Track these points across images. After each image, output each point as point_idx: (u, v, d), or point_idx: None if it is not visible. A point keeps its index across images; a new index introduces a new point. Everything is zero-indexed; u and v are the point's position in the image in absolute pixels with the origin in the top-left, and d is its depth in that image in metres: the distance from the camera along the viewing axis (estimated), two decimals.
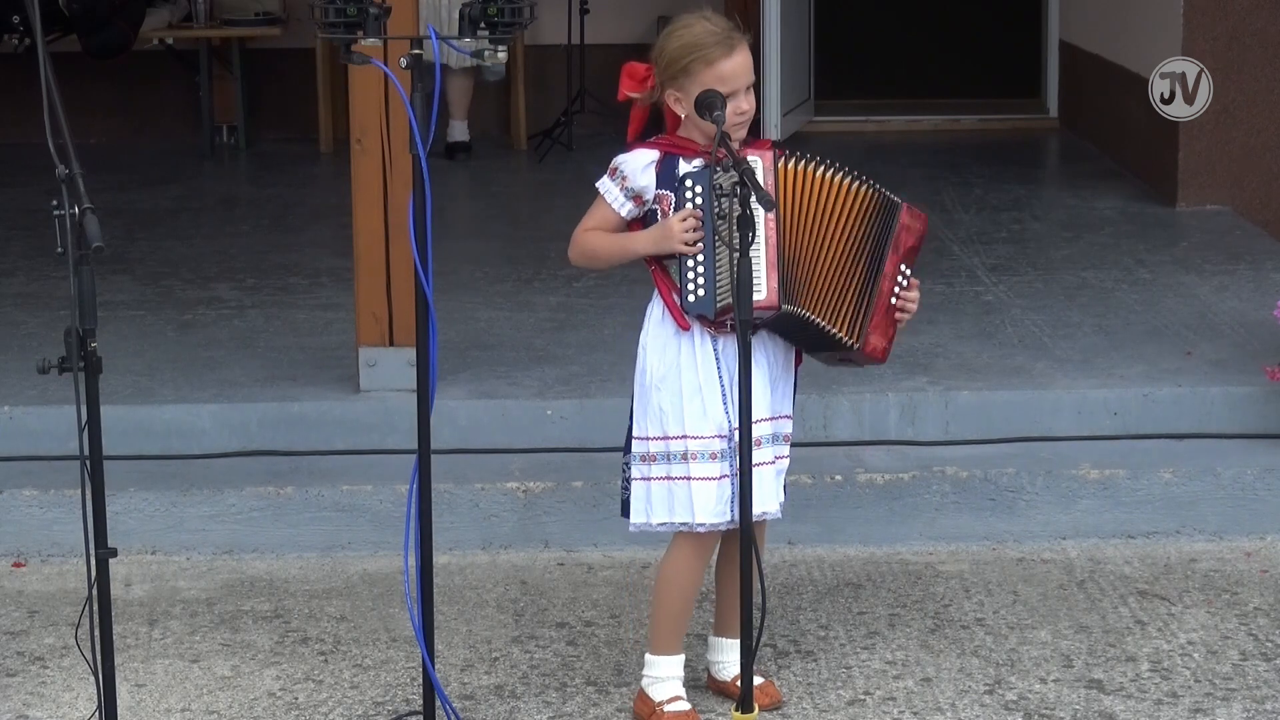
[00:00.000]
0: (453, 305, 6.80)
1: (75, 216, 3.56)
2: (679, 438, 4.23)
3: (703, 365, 4.22)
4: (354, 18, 3.94)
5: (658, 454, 4.25)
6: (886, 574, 5.30)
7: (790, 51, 10.24)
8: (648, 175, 4.20)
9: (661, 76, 4.21)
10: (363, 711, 4.48)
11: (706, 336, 4.22)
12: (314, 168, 10.26)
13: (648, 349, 4.27)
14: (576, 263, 4.37)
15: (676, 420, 4.23)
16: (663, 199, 4.20)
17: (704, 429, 4.22)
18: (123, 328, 6.75)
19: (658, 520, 4.27)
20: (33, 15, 3.85)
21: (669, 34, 4.21)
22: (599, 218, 4.26)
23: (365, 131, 5.79)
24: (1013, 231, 8.19)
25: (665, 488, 4.26)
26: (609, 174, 4.25)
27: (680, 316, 4.20)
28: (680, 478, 4.24)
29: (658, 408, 4.24)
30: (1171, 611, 5.00)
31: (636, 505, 4.30)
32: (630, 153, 4.23)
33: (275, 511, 5.52)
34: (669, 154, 4.21)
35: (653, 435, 4.26)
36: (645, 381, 4.26)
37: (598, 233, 4.27)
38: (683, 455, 4.23)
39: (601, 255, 4.30)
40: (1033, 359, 6.24)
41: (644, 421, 4.28)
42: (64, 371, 3.62)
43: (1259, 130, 8.46)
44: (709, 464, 4.21)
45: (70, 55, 9.89)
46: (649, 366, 4.26)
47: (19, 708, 4.52)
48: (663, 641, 4.38)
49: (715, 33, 4.16)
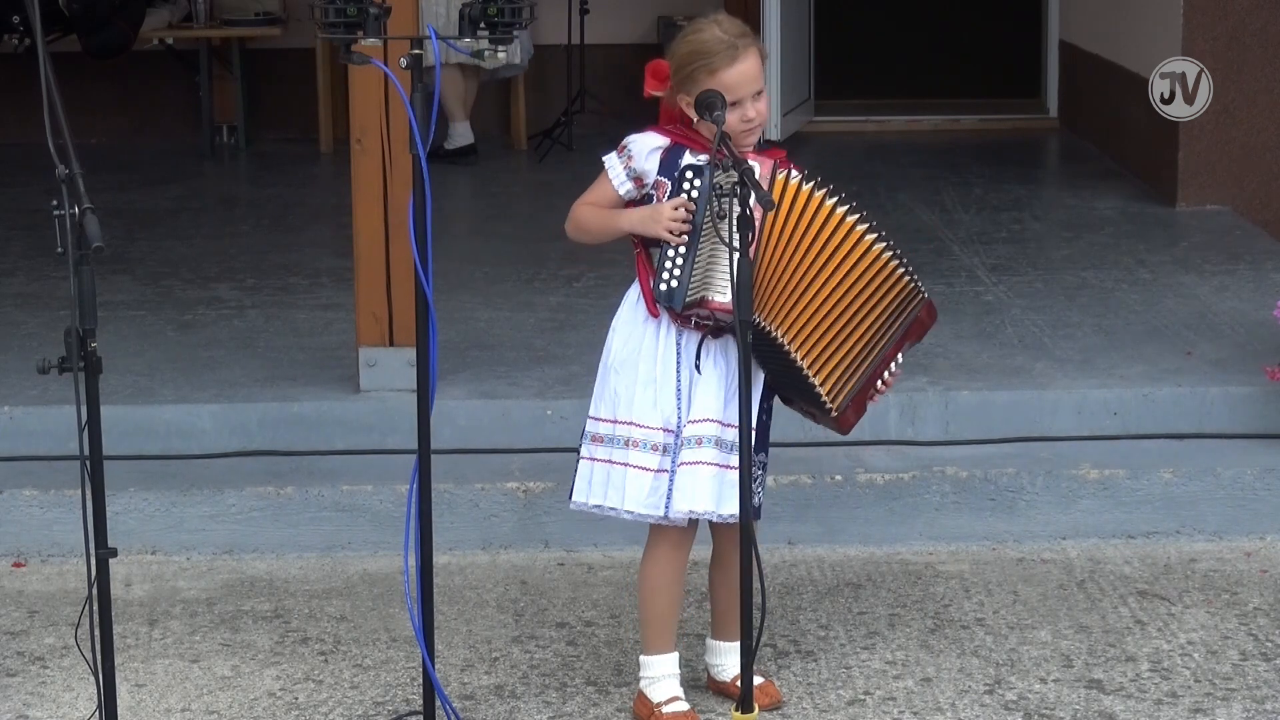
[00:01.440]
0: (453, 305, 6.80)
1: (75, 216, 3.56)
2: (625, 423, 4.25)
3: (662, 356, 4.23)
4: (354, 18, 3.94)
5: (604, 435, 4.28)
6: (886, 574, 5.30)
7: (790, 51, 10.24)
8: (653, 160, 4.22)
9: (673, 80, 4.23)
10: (363, 711, 4.48)
11: (672, 330, 4.23)
12: (314, 168, 10.27)
13: (616, 330, 4.30)
14: (570, 234, 4.38)
15: (626, 405, 4.25)
16: (660, 186, 4.21)
17: (651, 419, 4.23)
18: (123, 328, 6.75)
19: (593, 502, 4.30)
20: (33, 15, 3.85)
21: (680, 38, 4.23)
22: (599, 193, 4.28)
23: (365, 131, 5.79)
24: (1013, 231, 8.19)
25: (605, 470, 4.28)
26: (617, 150, 4.27)
27: (651, 303, 4.22)
28: (619, 463, 4.26)
29: (613, 390, 4.27)
30: (1171, 611, 5.00)
31: (579, 484, 4.32)
32: (642, 134, 4.26)
33: (275, 511, 5.52)
34: (677, 144, 4.22)
35: (603, 417, 4.29)
36: (606, 362, 4.30)
37: (592, 206, 4.29)
38: (625, 441, 4.25)
39: (592, 228, 4.31)
40: (1033, 359, 6.24)
41: (598, 402, 4.31)
42: (64, 371, 3.62)
43: (1259, 130, 8.46)
44: (649, 454, 4.23)
45: (70, 55, 9.90)
46: (613, 348, 4.29)
47: (19, 708, 4.52)
48: (653, 641, 4.39)
49: (723, 40, 4.16)
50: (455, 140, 10.10)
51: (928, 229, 8.19)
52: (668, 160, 4.21)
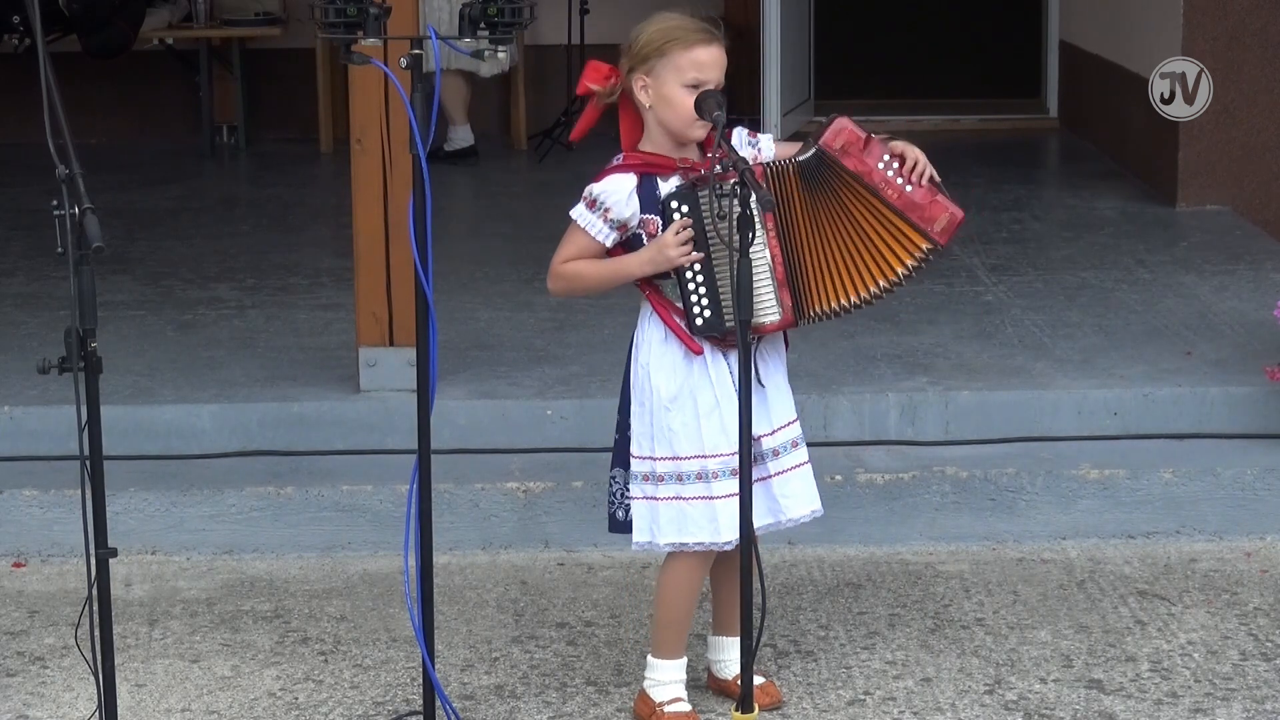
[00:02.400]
0: (453, 305, 6.80)
1: (75, 216, 3.56)
2: (693, 458, 4.19)
3: (718, 382, 4.18)
4: (354, 18, 3.94)
5: (665, 474, 4.21)
6: (886, 574, 5.30)
7: (790, 51, 10.23)
8: (631, 204, 4.14)
9: (631, 62, 4.15)
10: (363, 711, 4.48)
11: (718, 353, 4.18)
12: (314, 168, 10.27)
13: (651, 370, 4.20)
14: (559, 294, 4.31)
15: (691, 440, 4.19)
16: (648, 223, 4.16)
17: (724, 446, 4.17)
18: (123, 328, 6.75)
19: (665, 540, 4.23)
20: (33, 15, 3.85)
21: (648, 22, 4.17)
22: (579, 247, 4.19)
23: (365, 131, 5.79)
24: (1013, 231, 8.19)
25: (675, 508, 4.21)
26: (586, 205, 4.16)
27: (690, 340, 4.15)
28: (696, 498, 4.20)
29: (666, 428, 4.19)
30: (1171, 611, 5.00)
31: (640, 524, 4.25)
32: (605, 180, 4.16)
33: (275, 511, 5.52)
34: (645, 175, 4.16)
35: (660, 455, 4.21)
36: (652, 403, 4.20)
37: (583, 261, 4.19)
38: (698, 475, 4.19)
39: (593, 282, 4.23)
40: (1033, 359, 6.24)
41: (649, 442, 4.22)
42: (64, 371, 3.62)
43: (1259, 130, 8.46)
44: (730, 480, 4.15)
45: (70, 55, 9.89)
46: (656, 388, 4.19)
47: (19, 708, 4.52)
48: (665, 647, 4.37)
49: (695, 23, 4.14)
50: (456, 143, 10.10)
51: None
52: (644, 195, 4.15)
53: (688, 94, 4.10)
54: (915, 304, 6.90)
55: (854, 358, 6.22)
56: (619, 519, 4.30)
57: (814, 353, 6.17)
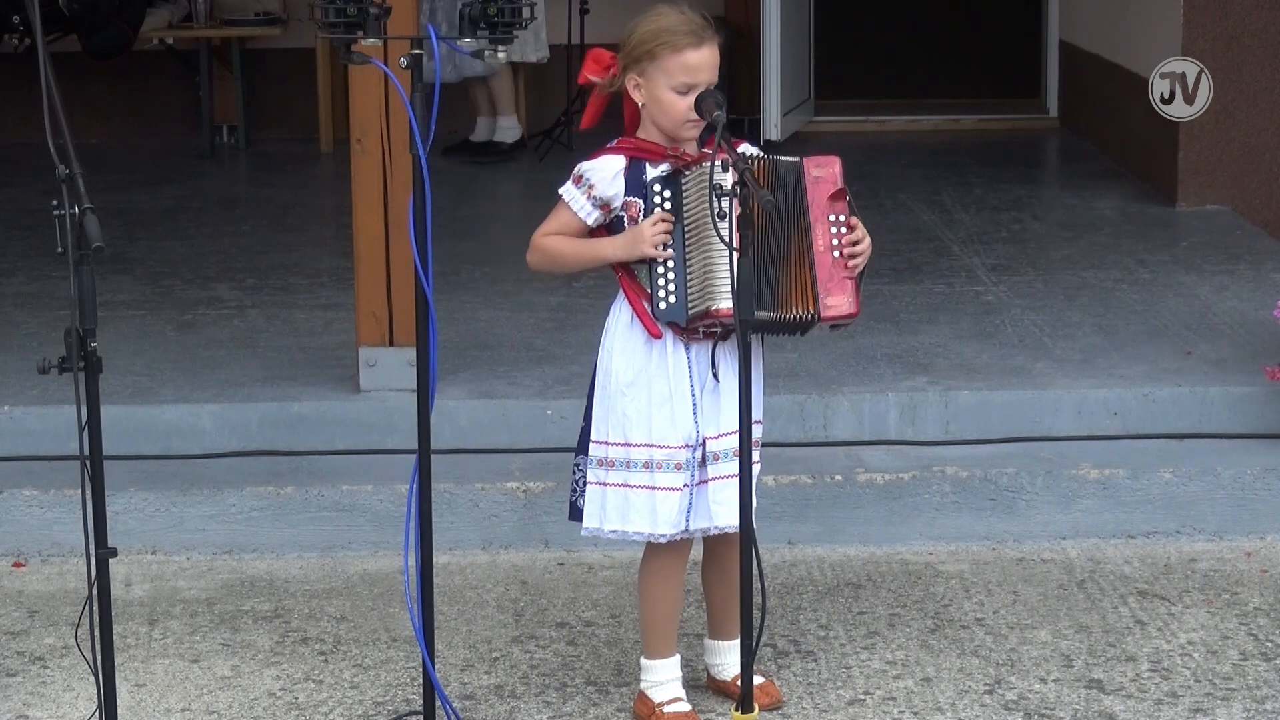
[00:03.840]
0: (453, 305, 6.80)
1: (75, 216, 3.56)
2: (642, 445, 4.20)
3: (674, 373, 4.19)
4: (354, 18, 3.94)
5: (616, 460, 4.23)
6: (886, 574, 5.30)
7: (790, 51, 10.23)
8: (616, 184, 4.18)
9: (625, 60, 4.17)
10: (363, 711, 4.48)
11: (679, 344, 4.18)
12: (314, 168, 10.27)
13: (614, 353, 4.23)
14: (536, 267, 4.33)
15: (642, 428, 4.20)
16: (631, 205, 4.18)
17: (671, 438, 4.19)
18: (123, 328, 6.75)
19: (609, 527, 4.25)
20: (33, 15, 3.86)
21: (641, 19, 4.17)
22: (561, 222, 4.23)
23: (365, 131, 5.80)
24: (1013, 231, 8.19)
25: (621, 495, 4.23)
26: (573, 181, 4.21)
27: (651, 324, 4.16)
28: (640, 486, 4.21)
29: (621, 413, 4.21)
30: (1171, 611, 5.00)
31: (590, 510, 4.27)
32: (596, 160, 4.20)
33: (275, 511, 5.52)
34: (635, 159, 4.18)
35: (613, 440, 4.23)
36: (610, 386, 4.23)
37: (562, 238, 4.23)
38: (645, 464, 4.20)
39: (568, 260, 4.27)
40: (1033, 359, 6.24)
41: (604, 426, 4.24)
42: (64, 371, 3.62)
43: (1259, 130, 8.46)
44: (673, 474, 4.19)
45: (70, 55, 9.90)
46: (614, 371, 4.22)
47: (19, 708, 4.52)
48: (656, 647, 4.38)
49: (687, 23, 4.13)
50: (504, 135, 10.22)
51: (928, 229, 8.19)
52: (631, 178, 4.18)
53: (678, 97, 4.11)
54: (915, 304, 6.91)
55: (854, 358, 6.22)
56: (579, 507, 4.32)
57: (814, 353, 6.17)
